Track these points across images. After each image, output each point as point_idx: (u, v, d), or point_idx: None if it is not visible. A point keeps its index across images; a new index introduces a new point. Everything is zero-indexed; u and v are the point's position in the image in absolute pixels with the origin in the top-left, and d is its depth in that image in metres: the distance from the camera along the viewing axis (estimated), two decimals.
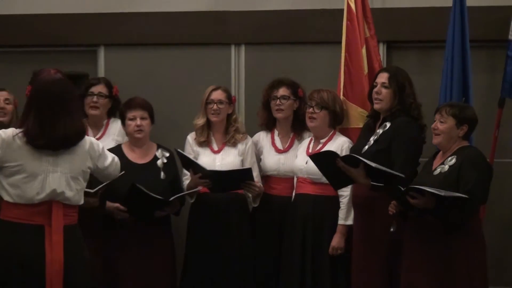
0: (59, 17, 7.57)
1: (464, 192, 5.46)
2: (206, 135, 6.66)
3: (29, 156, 4.99)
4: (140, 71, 7.49)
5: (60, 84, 5.19)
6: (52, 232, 5.01)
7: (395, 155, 5.95)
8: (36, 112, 5.05)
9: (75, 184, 5.12)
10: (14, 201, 4.99)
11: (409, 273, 5.83)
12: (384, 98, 6.06)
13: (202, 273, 6.61)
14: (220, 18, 7.43)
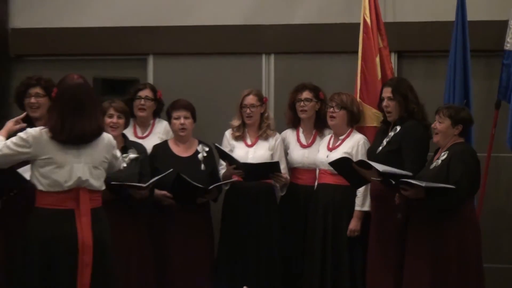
0: (114, 30, 7.57)
1: (452, 183, 5.50)
2: (241, 131, 6.66)
3: (56, 150, 5.03)
4: (183, 77, 7.45)
5: (81, 88, 5.21)
6: (81, 215, 5.07)
7: (404, 154, 5.97)
8: (59, 111, 5.09)
9: (97, 173, 5.17)
10: (46, 190, 5.04)
11: (411, 254, 5.85)
12: (392, 110, 6.08)
13: (235, 250, 6.59)
14: (253, 30, 7.40)
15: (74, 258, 5.01)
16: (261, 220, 6.55)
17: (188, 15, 7.54)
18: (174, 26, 7.50)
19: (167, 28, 7.53)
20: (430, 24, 7.01)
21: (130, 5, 7.62)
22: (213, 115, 7.08)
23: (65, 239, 5.01)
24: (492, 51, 6.68)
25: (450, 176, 5.57)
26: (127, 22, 7.57)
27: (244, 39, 7.42)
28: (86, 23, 7.61)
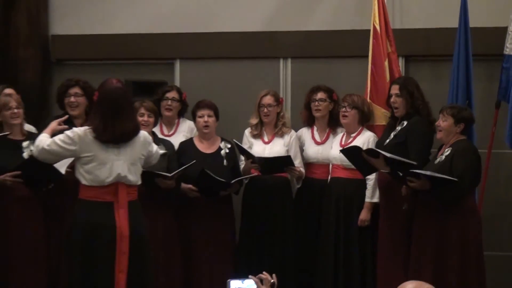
0: (144, 36, 7.61)
1: (455, 177, 5.53)
2: (259, 129, 6.67)
3: (98, 148, 5.11)
4: (207, 79, 7.46)
5: (120, 91, 5.29)
6: (119, 207, 5.16)
7: (410, 147, 5.98)
8: (101, 113, 5.17)
9: (134, 169, 5.24)
10: (89, 184, 5.14)
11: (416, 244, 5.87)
12: (399, 106, 6.11)
13: (254, 239, 6.61)
14: (271, 37, 7.42)
15: (113, 246, 5.10)
16: (277, 211, 6.56)
17: (211, 22, 7.54)
18: (199, 33, 7.52)
19: (192, 35, 7.53)
20: (435, 31, 7.00)
21: (159, 13, 7.62)
22: (235, 114, 7.04)
23: (104, 229, 5.12)
24: (492, 55, 6.65)
25: (453, 171, 5.58)
26: (156, 29, 7.59)
27: (263, 45, 7.43)
28: (119, 30, 7.64)
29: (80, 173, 5.14)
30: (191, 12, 7.58)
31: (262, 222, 6.55)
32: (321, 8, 7.40)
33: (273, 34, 7.40)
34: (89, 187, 5.16)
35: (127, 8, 7.71)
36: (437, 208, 5.74)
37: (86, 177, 5.15)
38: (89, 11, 7.76)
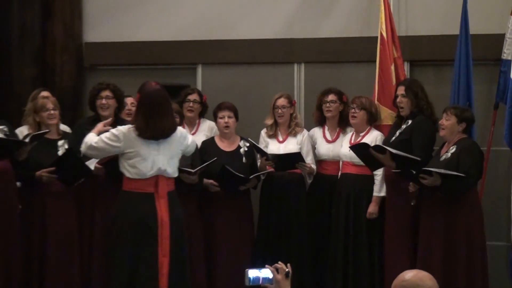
0: (169, 43, 7.63)
1: (462, 172, 5.55)
2: (274, 130, 6.67)
3: (141, 144, 5.21)
4: (227, 82, 7.47)
5: (159, 93, 5.38)
6: (159, 197, 5.26)
7: (414, 144, 6.00)
8: (144, 113, 5.26)
9: (172, 163, 5.33)
10: (132, 177, 5.24)
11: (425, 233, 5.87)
12: (405, 105, 6.12)
13: (270, 231, 6.61)
14: (286, 43, 7.42)
15: (155, 232, 5.21)
16: (292, 205, 6.57)
17: (231, 30, 7.56)
18: (219, 40, 7.54)
19: (213, 42, 7.56)
20: (437, 37, 6.98)
21: (182, 22, 7.62)
22: (253, 115, 7.02)
23: (147, 217, 5.23)
24: (491, 60, 6.67)
25: (460, 166, 5.62)
26: (180, 36, 7.60)
27: (278, 51, 7.44)
28: (146, 37, 7.66)
29: (124, 167, 5.25)
30: (213, 20, 7.59)
31: (278, 215, 6.56)
32: (332, 17, 7.37)
33: (288, 41, 7.40)
34: (133, 180, 5.26)
35: (154, 18, 7.71)
36: (443, 202, 5.75)
37: (130, 170, 5.24)
38: (118, 20, 7.76)
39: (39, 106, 6.11)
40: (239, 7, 7.59)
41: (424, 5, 7.13)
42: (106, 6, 7.83)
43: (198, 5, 7.64)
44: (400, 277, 3.24)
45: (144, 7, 7.73)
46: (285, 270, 3.65)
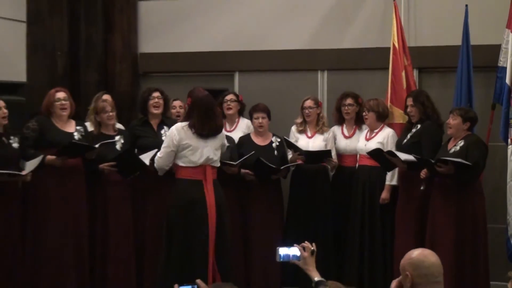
0: (210, 53, 7.67)
1: (471, 163, 5.60)
2: (303, 127, 6.69)
3: (192, 138, 5.33)
4: (261, 87, 7.49)
5: (208, 97, 5.49)
6: (207, 184, 5.35)
7: (423, 145, 6.04)
8: (196, 114, 5.36)
9: (217, 154, 5.45)
10: (185, 165, 5.35)
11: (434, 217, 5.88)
12: (414, 114, 6.15)
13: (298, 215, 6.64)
14: (311, 53, 7.42)
15: (204, 213, 5.29)
16: (317, 193, 6.59)
17: (263, 42, 7.59)
18: (254, 51, 7.58)
19: (248, 52, 7.60)
20: (442, 48, 6.94)
21: (221, 35, 7.65)
22: (283, 114, 7.04)
23: (197, 201, 5.32)
24: (489, 67, 6.60)
25: (469, 158, 5.65)
26: (219, 47, 7.65)
27: (304, 60, 7.44)
28: (191, 48, 7.70)
29: (178, 157, 5.36)
30: (248, 34, 7.62)
31: (305, 201, 6.59)
32: (350, 30, 7.37)
33: (313, 52, 7.42)
34: (184, 168, 5.36)
35: (197, 32, 7.74)
36: (452, 189, 5.78)
37: (183, 159, 5.36)
38: (168, 34, 7.80)
39: (100, 108, 6.19)
40: (271, 23, 7.60)
41: (430, 19, 7.09)
42: (157, 22, 7.87)
43: (236, 20, 7.66)
44: (407, 255, 3.26)
45: (189, 24, 7.76)
46: (310, 249, 3.67)
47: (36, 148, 5.85)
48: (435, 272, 3.22)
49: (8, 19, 7.18)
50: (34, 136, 5.84)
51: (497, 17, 6.54)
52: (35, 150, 5.83)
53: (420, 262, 3.22)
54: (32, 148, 5.83)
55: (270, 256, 5.26)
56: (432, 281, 3.20)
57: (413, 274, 3.20)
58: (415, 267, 3.21)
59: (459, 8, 6.54)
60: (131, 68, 7.84)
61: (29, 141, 5.82)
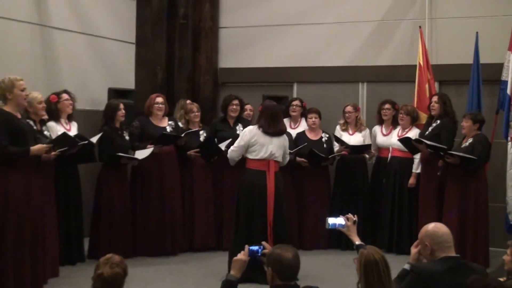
0: (275, 68, 8.07)
1: (476, 156, 5.92)
2: (345, 126, 7.06)
3: (260, 136, 5.49)
4: (314, 94, 7.70)
5: (274, 106, 5.68)
6: (270, 174, 5.50)
7: (442, 137, 6.30)
8: (264, 118, 5.56)
9: (279, 151, 5.55)
10: (253, 158, 5.52)
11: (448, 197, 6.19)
12: (436, 109, 6.40)
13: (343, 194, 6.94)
14: (353, 69, 7.73)
15: (264, 196, 5.45)
16: (357, 176, 6.96)
17: (316, 60, 7.93)
18: (308, 67, 7.95)
19: (305, 68, 7.96)
20: (457, 65, 7.15)
21: (283, 54, 8.03)
22: (331, 117, 7.28)
23: (260, 187, 5.46)
24: (494, 81, 6.75)
25: (474, 152, 5.94)
26: (282, 64, 8.07)
27: (348, 74, 7.75)
28: (260, 64, 8.17)
29: (249, 151, 5.53)
30: (304, 53, 7.97)
31: (348, 183, 6.95)
32: (385, 51, 7.65)
33: (355, 68, 7.74)
34: (252, 160, 5.51)
35: (264, 52, 8.17)
36: (461, 175, 6.03)
37: (252, 154, 5.51)
38: (241, 54, 8.27)
39: (188, 109, 6.74)
40: (322, 45, 7.91)
41: (448, 42, 7.32)
42: (234, 44, 8.30)
43: (295, 43, 8.01)
44: (424, 229, 3.42)
45: (258, 46, 8.18)
46: (353, 219, 3.79)
47: (140, 141, 6.39)
48: (448, 239, 3.35)
49: (122, 41, 7.82)
50: (138, 132, 6.42)
51: (501, 41, 6.70)
52: (139, 142, 6.39)
53: (435, 233, 3.34)
54: (136, 141, 6.40)
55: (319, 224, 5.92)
56: (446, 246, 3.33)
57: (431, 243, 3.33)
58: (432, 237, 3.33)
59: (471, 34, 6.81)
60: (213, 80, 8.26)
61: (135, 137, 6.42)
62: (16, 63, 6.34)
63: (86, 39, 7.39)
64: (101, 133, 6.03)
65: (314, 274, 5.75)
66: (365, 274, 3.09)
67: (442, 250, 3.33)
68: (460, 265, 3.36)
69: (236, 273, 3.42)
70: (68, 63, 7.08)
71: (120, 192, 6.27)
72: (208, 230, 6.76)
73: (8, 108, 4.94)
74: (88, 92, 7.20)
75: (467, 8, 7.27)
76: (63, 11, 7.06)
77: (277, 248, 3.31)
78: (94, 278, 2.97)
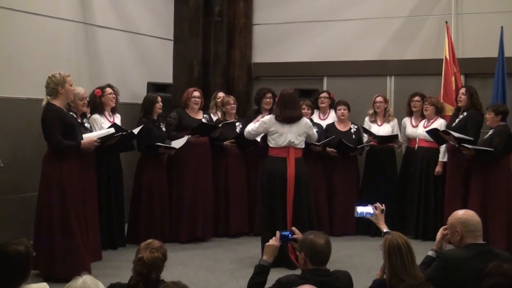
0: (306, 63, 8.09)
1: (493, 147, 5.87)
2: (374, 117, 7.01)
3: (278, 125, 5.46)
4: (343, 87, 7.72)
5: (289, 93, 5.58)
6: (290, 160, 5.46)
7: (468, 129, 6.28)
8: (278, 105, 5.57)
9: (299, 138, 5.49)
10: (274, 146, 5.49)
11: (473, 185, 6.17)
12: (463, 100, 6.36)
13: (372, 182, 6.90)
14: (381, 63, 7.77)
15: (284, 182, 5.44)
16: (385, 166, 6.94)
17: (346, 54, 7.96)
18: (338, 61, 7.98)
19: (334, 62, 7.99)
20: (483, 59, 7.14)
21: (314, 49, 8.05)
22: (360, 108, 7.24)
23: (280, 173, 5.45)
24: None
25: (492, 143, 5.94)
26: (313, 58, 8.10)
27: (377, 67, 7.78)
28: (291, 59, 8.19)
29: (269, 139, 5.55)
30: (333, 48, 8.01)
31: (376, 172, 6.95)
32: (412, 45, 7.65)
33: (383, 62, 7.78)
34: (273, 148, 5.51)
35: (295, 47, 8.16)
36: (484, 165, 6.02)
37: (272, 142, 5.51)
38: (274, 49, 8.32)
39: (226, 101, 6.76)
40: (351, 40, 7.93)
41: (474, 37, 7.32)
42: (266, 40, 8.36)
43: (324, 38, 8.04)
44: (455, 215, 3.37)
45: (290, 41, 8.19)
46: (381, 208, 3.78)
47: (177, 131, 6.43)
48: (479, 228, 3.33)
49: (161, 38, 7.94)
50: (175, 122, 6.46)
51: None
52: (176, 132, 6.43)
53: (468, 221, 3.31)
54: (174, 131, 6.44)
55: (348, 212, 6.12)
56: (477, 234, 3.31)
57: (462, 229, 3.30)
58: (464, 224, 3.30)
59: (496, 28, 6.76)
60: (246, 74, 8.33)
61: (172, 126, 6.45)
62: (62, 60, 6.48)
63: (127, 36, 7.49)
64: (141, 125, 6.06)
65: (344, 259, 5.79)
66: (389, 258, 3.11)
67: (472, 238, 3.31)
68: (485, 252, 3.32)
69: (268, 258, 3.44)
70: (110, 59, 7.18)
71: (158, 180, 6.33)
72: (242, 216, 6.80)
73: (57, 102, 5.02)
74: (128, 86, 7.26)
75: (492, 3, 7.24)
76: (106, 10, 7.17)
77: (310, 234, 3.33)
78: (135, 261, 3.01)
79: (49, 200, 4.98)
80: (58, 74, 5.01)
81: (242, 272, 5.24)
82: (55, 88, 4.98)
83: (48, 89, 5.00)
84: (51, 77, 5.00)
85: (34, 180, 5.31)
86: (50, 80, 4.99)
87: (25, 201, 5.90)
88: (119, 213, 6.19)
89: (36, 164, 5.34)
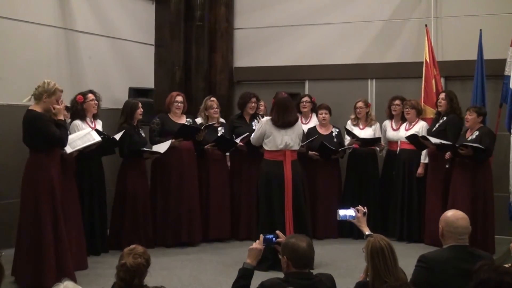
0: (288, 67, 8.06)
1: (484, 147, 5.95)
2: (356, 121, 7.02)
3: (274, 129, 5.50)
4: (324, 91, 7.70)
5: (285, 99, 5.64)
6: (286, 164, 5.50)
7: (448, 133, 6.34)
8: (276, 111, 5.56)
9: (295, 141, 5.53)
10: (269, 149, 5.53)
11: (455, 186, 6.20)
12: (443, 105, 6.42)
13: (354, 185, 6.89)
14: (362, 66, 7.74)
15: (282, 185, 5.47)
16: (367, 169, 6.92)
17: (326, 58, 7.93)
18: (319, 65, 7.94)
19: (315, 66, 7.95)
20: (462, 61, 7.15)
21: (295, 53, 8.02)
22: (341, 112, 7.30)
23: (278, 176, 5.48)
24: (497, 76, 6.75)
25: (482, 144, 5.94)
26: (294, 62, 8.07)
27: (357, 71, 7.74)
28: (273, 63, 8.17)
29: (265, 143, 5.55)
30: (315, 52, 7.98)
31: (358, 175, 6.94)
32: (393, 49, 7.64)
33: (364, 65, 7.75)
34: (269, 151, 5.54)
35: (276, 51, 8.17)
36: (469, 167, 6.08)
37: (268, 145, 5.54)
38: (255, 53, 8.27)
39: (209, 106, 6.71)
40: (332, 44, 7.89)
41: (453, 40, 7.32)
42: (248, 44, 8.31)
43: (306, 42, 8.00)
44: (446, 212, 3.40)
45: (271, 46, 8.18)
46: (363, 211, 3.81)
47: (160, 136, 6.41)
48: (462, 233, 3.30)
49: (142, 43, 7.92)
50: (158, 128, 6.44)
51: (504, 38, 6.70)
52: (159, 137, 6.40)
53: (452, 222, 3.29)
54: (157, 136, 6.42)
55: (330, 215, 6.01)
56: (457, 237, 3.29)
57: (444, 228, 3.32)
58: (447, 224, 3.31)
59: (475, 31, 6.75)
60: (228, 78, 8.25)
61: (155, 132, 6.44)
62: (43, 65, 6.44)
63: (108, 42, 7.45)
64: (122, 130, 6.06)
65: (327, 262, 5.77)
66: (372, 260, 3.11)
67: (453, 240, 3.31)
68: (467, 253, 3.33)
69: (252, 261, 3.43)
70: (91, 65, 7.15)
71: (140, 186, 6.31)
72: (223, 221, 6.77)
73: (38, 108, 4.96)
74: (110, 91, 7.20)
75: (470, 7, 7.27)
76: (86, 16, 7.14)
77: (291, 238, 3.32)
78: (118, 267, 3.00)
79: (35, 206, 4.89)
80: (53, 84, 4.96)
81: (225, 276, 5.22)
82: (41, 94, 4.92)
83: (36, 91, 4.93)
84: (45, 82, 4.96)
85: (14, 186, 5.23)
86: (42, 85, 4.94)
87: (4, 208, 5.83)
88: (102, 219, 6.16)
89: (16, 171, 5.27)
